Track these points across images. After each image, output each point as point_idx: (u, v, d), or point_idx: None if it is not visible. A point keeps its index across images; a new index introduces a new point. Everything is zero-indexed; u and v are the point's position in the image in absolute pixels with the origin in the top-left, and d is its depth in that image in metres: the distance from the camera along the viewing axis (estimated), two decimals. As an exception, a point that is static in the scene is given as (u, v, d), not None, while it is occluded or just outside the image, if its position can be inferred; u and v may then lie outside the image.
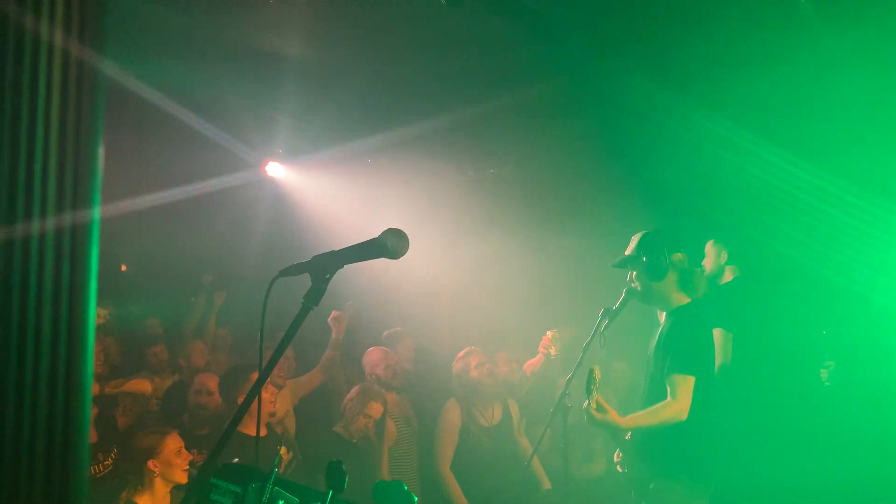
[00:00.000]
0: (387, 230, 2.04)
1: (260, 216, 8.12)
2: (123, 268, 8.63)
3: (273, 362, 2.07)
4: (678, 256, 4.10)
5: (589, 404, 3.81)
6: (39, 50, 1.24)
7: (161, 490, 3.84)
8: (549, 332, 5.44)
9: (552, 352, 5.37)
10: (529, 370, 5.63)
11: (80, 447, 1.33)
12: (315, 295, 2.07)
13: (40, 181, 1.25)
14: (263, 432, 4.62)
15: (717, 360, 4.26)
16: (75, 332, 1.30)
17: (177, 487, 3.91)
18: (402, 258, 2.08)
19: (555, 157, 6.54)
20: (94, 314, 1.36)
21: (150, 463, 3.80)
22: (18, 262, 1.23)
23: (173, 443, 3.91)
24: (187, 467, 3.92)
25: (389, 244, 2.03)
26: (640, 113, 5.33)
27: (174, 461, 3.86)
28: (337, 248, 2.10)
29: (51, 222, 1.25)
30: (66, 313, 1.29)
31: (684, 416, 3.85)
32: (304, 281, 2.12)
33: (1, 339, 1.24)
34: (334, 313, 5.62)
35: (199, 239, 7.76)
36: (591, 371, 3.83)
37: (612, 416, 3.84)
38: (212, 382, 5.04)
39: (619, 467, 4.23)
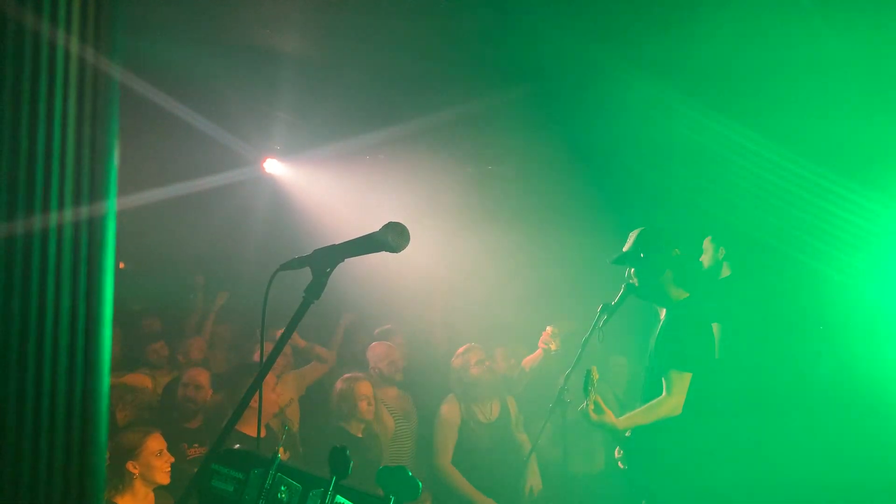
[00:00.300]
0: (387, 224, 2.05)
1: (258, 213, 8.13)
2: (122, 265, 8.63)
3: (273, 357, 2.07)
4: (676, 252, 4.11)
5: (587, 405, 3.83)
6: (56, 55, 1.28)
7: (142, 491, 3.76)
8: (548, 328, 5.45)
9: (552, 347, 5.38)
10: (528, 365, 5.64)
11: (98, 435, 1.35)
12: (316, 288, 2.07)
13: (58, 175, 1.28)
14: (263, 433, 4.62)
15: (717, 355, 4.27)
16: (93, 319, 1.33)
17: (160, 487, 3.85)
18: (401, 253, 2.09)
19: (552, 152, 6.55)
20: (111, 300, 1.38)
21: (129, 464, 3.71)
22: (38, 252, 1.26)
23: (154, 444, 3.80)
24: (168, 469, 3.83)
25: (390, 237, 2.03)
26: (637, 110, 5.33)
27: (154, 463, 3.77)
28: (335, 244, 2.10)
29: (69, 214, 1.29)
30: (83, 299, 1.32)
31: (679, 411, 3.88)
32: (304, 276, 2.12)
33: (21, 327, 1.26)
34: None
35: (197, 236, 7.78)
36: (589, 372, 3.84)
37: (609, 417, 3.86)
38: (202, 377, 5.06)
39: (620, 464, 4.24)
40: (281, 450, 2.03)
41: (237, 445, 2.14)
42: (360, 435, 4.99)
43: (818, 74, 4.63)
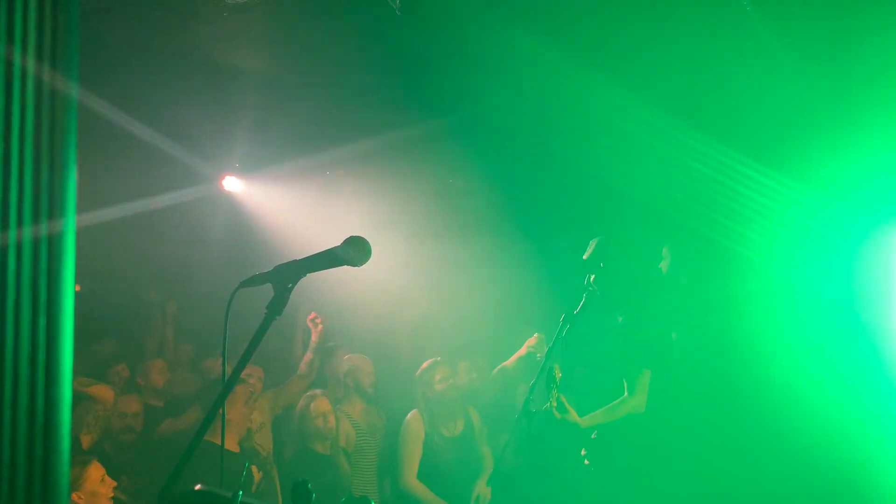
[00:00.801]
0: (348, 238, 2.07)
1: (218, 230, 8.04)
2: (77, 288, 8.45)
3: (236, 373, 2.05)
4: (636, 259, 4.18)
5: (550, 404, 3.87)
6: (13, 73, 1.29)
7: None
8: (535, 335, 5.40)
9: (539, 354, 5.32)
10: (499, 374, 5.61)
11: (60, 444, 1.34)
12: (278, 305, 2.07)
13: (17, 191, 1.29)
14: (237, 450, 4.57)
15: (675, 359, 4.33)
16: (54, 334, 1.33)
17: None
18: (363, 267, 2.10)
19: (511, 165, 6.60)
20: (72, 313, 1.38)
21: (73, 496, 3.68)
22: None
23: (96, 471, 3.81)
24: (112, 493, 3.84)
25: (351, 252, 2.05)
26: (600, 118, 5.39)
27: (99, 490, 3.78)
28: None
29: (28, 230, 1.29)
30: (44, 314, 1.32)
31: (642, 409, 3.98)
32: (265, 293, 2.11)
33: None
34: (312, 314, 5.58)
35: (156, 254, 7.66)
36: (551, 370, 3.88)
37: (573, 415, 3.94)
38: (134, 404, 5.06)
39: (586, 461, 4.28)
40: (254, 468, 2.00)
41: (198, 486, 2.09)
42: (327, 452, 4.96)
43: (739, 56, 4.72)
